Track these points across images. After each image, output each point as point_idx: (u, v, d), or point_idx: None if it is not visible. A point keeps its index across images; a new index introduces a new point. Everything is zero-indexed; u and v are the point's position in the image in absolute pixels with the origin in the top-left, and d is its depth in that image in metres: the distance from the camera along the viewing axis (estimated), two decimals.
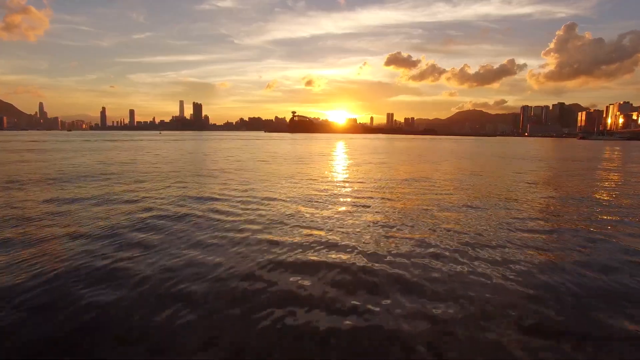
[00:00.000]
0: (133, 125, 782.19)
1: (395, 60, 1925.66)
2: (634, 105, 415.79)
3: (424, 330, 4.99)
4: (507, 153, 53.76)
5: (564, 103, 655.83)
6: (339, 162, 33.88)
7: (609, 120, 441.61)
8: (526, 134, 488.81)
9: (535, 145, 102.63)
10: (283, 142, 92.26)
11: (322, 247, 8.42)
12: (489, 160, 38.71)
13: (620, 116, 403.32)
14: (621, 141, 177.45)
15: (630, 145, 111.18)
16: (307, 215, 11.50)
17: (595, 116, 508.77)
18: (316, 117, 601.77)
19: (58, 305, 5.57)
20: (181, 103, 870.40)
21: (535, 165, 33.11)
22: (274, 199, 14.12)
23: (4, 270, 6.81)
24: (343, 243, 8.68)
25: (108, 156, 36.68)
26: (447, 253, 8.06)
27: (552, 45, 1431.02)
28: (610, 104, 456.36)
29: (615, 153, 59.67)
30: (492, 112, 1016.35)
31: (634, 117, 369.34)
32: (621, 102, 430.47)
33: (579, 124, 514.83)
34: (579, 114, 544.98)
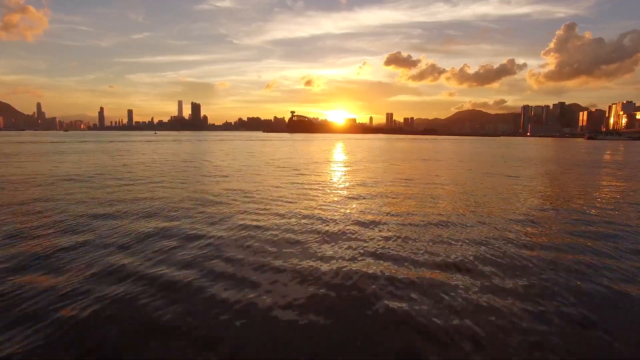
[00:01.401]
0: (131, 126, 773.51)
1: (395, 60, 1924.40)
2: (636, 104, 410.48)
3: None
4: (539, 156, 47.34)
5: (564, 103, 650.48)
6: (355, 181, 27.56)
7: (611, 120, 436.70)
8: (528, 134, 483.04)
9: (548, 146, 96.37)
10: (281, 143, 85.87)
11: None
12: (552, 166, 32.28)
13: (624, 116, 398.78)
14: (630, 141, 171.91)
15: None
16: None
17: (597, 116, 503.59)
18: (315, 117, 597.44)
19: None
20: (180, 103, 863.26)
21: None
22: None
23: None
24: None
25: (55, 166, 30.34)
26: None
27: (551, 45, 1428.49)
28: (613, 104, 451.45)
29: None
30: (492, 112, 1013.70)
31: (638, 116, 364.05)
32: (624, 102, 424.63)
33: (580, 124, 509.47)
34: (581, 113, 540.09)
